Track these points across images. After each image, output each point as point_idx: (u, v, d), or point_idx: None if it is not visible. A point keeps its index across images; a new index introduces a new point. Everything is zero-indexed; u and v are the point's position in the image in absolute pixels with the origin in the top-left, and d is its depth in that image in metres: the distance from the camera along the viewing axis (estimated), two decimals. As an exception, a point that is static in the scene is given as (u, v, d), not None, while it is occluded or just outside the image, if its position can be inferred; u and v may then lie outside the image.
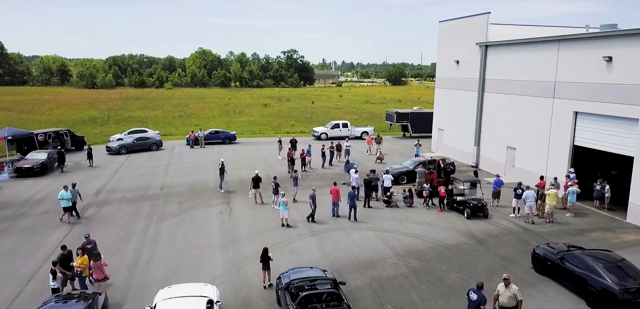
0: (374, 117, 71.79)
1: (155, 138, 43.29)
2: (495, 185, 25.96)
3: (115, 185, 30.33)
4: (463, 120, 37.37)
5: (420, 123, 50.79)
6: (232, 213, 24.68)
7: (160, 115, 72.15)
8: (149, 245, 20.41)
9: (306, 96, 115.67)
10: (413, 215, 24.68)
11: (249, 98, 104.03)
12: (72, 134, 41.91)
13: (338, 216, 23.94)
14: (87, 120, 64.57)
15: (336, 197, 23.74)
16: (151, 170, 34.61)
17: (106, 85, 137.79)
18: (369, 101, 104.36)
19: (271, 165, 36.48)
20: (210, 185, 30.33)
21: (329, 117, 71.06)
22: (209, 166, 35.74)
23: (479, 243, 20.84)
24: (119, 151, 40.33)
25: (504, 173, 32.45)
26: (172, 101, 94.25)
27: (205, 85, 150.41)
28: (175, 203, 26.52)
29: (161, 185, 30.47)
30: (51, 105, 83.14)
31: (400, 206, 26.00)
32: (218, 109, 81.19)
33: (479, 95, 34.86)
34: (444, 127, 40.75)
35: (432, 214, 24.77)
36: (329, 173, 33.88)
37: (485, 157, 34.70)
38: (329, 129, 49.39)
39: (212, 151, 42.58)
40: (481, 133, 35.10)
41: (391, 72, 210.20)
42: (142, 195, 27.98)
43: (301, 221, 23.46)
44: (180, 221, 23.41)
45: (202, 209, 25.43)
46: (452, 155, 38.90)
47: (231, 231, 22.06)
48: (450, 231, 22.32)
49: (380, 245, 20.57)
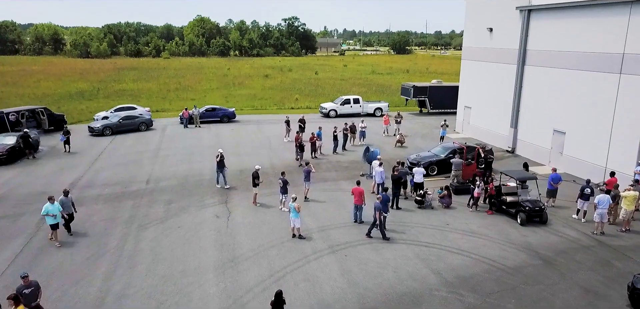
0: (384, 90, 66.72)
1: (145, 117, 38.44)
2: (551, 181, 21.24)
3: (92, 177, 25.65)
4: (496, 98, 32.45)
5: (439, 99, 45.87)
6: (231, 218, 20.06)
7: (155, 88, 67.12)
8: (124, 269, 15.83)
9: (309, 66, 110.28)
10: (453, 219, 20.04)
11: (249, 69, 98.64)
12: (50, 112, 37.00)
13: (361, 222, 19.32)
14: (75, 94, 59.61)
15: (360, 199, 19.06)
16: (137, 157, 29.89)
17: (101, 54, 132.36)
18: (375, 71, 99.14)
19: (276, 150, 31.73)
20: (205, 177, 25.66)
21: (335, 90, 66.11)
22: (204, 152, 31.02)
23: (547, 264, 16.25)
24: (103, 132, 35.54)
25: (549, 161, 27.73)
26: (168, 72, 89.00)
27: (204, 54, 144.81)
28: (162, 202, 21.89)
29: (147, 177, 25.79)
30: (39, 77, 78.08)
31: (435, 207, 21.36)
32: (216, 81, 76.05)
33: (518, 68, 29.86)
34: (471, 104, 35.82)
35: (477, 219, 20.13)
36: (343, 161, 29.16)
37: (524, 141, 29.90)
38: (339, 105, 44.45)
39: (209, 131, 37.79)
40: (519, 114, 30.22)
41: (395, 40, 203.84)
42: (123, 192, 23.32)
43: (316, 229, 18.85)
44: (166, 230, 18.80)
45: (194, 211, 20.80)
46: (481, 137, 34.14)
47: (229, 245, 17.48)
48: (506, 245, 17.71)
49: (421, 267, 15.99)
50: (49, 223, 17.16)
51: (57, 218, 17.08)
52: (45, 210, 16.95)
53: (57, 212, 17.10)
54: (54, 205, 17.10)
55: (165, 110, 48.73)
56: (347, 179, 25.41)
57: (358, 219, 19.38)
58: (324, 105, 45.30)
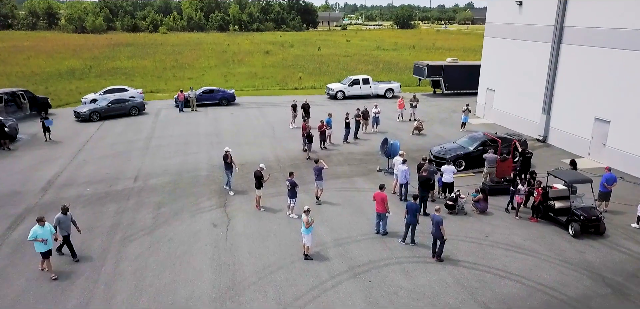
0: (392, 67, 63.23)
1: (137, 100, 35.20)
2: (605, 183, 18.12)
3: (73, 173, 22.60)
4: (525, 80, 29.18)
5: (455, 79, 42.51)
6: (231, 227, 17.06)
7: (150, 65, 63.64)
8: (100, 301, 12.88)
9: (311, 41, 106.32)
10: (492, 229, 17.03)
11: (249, 45, 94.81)
12: (32, 95, 33.75)
13: (385, 234, 16.32)
14: (65, 72, 56.17)
15: (382, 207, 16.01)
16: (126, 147, 26.79)
17: (96, 29, 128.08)
18: (380, 47, 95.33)
19: (281, 139, 28.58)
20: (200, 173, 22.61)
21: (339, 68, 62.69)
22: (201, 141, 27.90)
23: (618, 295, 13.28)
24: (90, 117, 32.34)
25: (588, 153, 24.63)
26: (165, 48, 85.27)
27: (202, 29, 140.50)
28: (150, 206, 18.86)
29: (136, 172, 22.73)
30: (30, 54, 74.48)
31: (468, 212, 18.34)
32: (215, 58, 72.45)
33: (553, 47, 26.52)
34: (495, 87, 32.53)
35: (520, 228, 17.10)
36: (356, 152, 26.05)
37: (558, 130, 26.74)
38: (347, 86, 41.11)
39: (206, 116, 34.60)
40: (553, 98, 26.98)
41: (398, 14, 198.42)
42: (107, 192, 20.28)
43: (332, 243, 15.87)
44: (154, 244, 15.81)
45: (187, 218, 17.79)
46: (506, 124, 30.97)
47: (229, 266, 14.51)
48: (561, 265, 14.73)
49: (465, 297, 13.03)
50: (38, 251, 13.61)
51: (49, 243, 13.54)
52: (33, 234, 13.26)
53: (50, 236, 13.55)
54: (45, 227, 13.47)
55: (160, 91, 45.42)
56: (363, 175, 22.36)
57: (381, 229, 16.38)
58: (331, 86, 41.98)
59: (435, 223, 14.35)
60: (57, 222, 14.29)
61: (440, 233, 14.33)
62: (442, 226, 14.26)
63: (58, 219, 14.35)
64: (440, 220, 14.30)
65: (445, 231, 14.43)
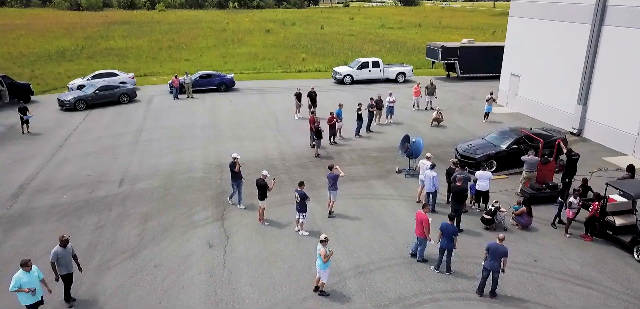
0: (399, 47, 60.04)
1: (127, 86, 32.27)
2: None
3: (51, 175, 19.84)
4: (557, 66, 26.23)
5: (472, 62, 39.41)
6: (229, 248, 14.36)
7: (146, 45, 60.47)
8: (64, 358, 10.20)
9: (313, 19, 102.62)
10: (540, 251, 14.30)
11: (249, 23, 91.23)
12: (12, 82, 30.77)
13: (423, 261, 13.58)
14: (55, 53, 53.07)
15: (421, 231, 13.18)
16: (113, 142, 23.99)
17: (92, 6, 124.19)
18: (384, 25, 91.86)
19: (285, 131, 25.75)
20: (195, 174, 19.85)
21: (344, 47, 59.56)
22: (196, 134, 25.10)
23: None
24: (76, 106, 29.46)
25: (634, 151, 21.83)
26: (161, 27, 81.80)
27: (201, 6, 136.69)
28: (136, 219, 16.13)
29: (122, 174, 19.96)
30: (21, 32, 71.28)
31: (508, 228, 15.59)
32: (214, 37, 69.14)
33: (592, 29, 23.52)
34: (521, 72, 29.53)
35: (574, 250, 14.38)
36: (370, 148, 23.25)
37: (597, 123, 23.89)
38: (355, 70, 38.09)
39: (203, 103, 31.71)
40: (591, 87, 24.06)
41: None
42: (87, 200, 17.53)
43: (351, 271, 13.19)
44: (137, 273, 13.12)
45: (179, 235, 15.07)
46: (534, 114, 28.13)
47: (227, 303, 11.90)
48: (633, 303, 12.02)
49: (523, 354, 10.34)
50: (25, 304, 10.60)
51: (37, 294, 10.54)
52: (17, 282, 10.21)
53: (38, 284, 10.54)
54: (31, 272, 10.40)
55: (154, 74, 42.41)
56: (380, 177, 19.60)
57: (418, 255, 13.62)
58: (338, 69, 38.96)
59: (448, 234, 12.59)
60: (55, 258, 11.18)
61: (452, 245, 12.63)
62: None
63: (56, 253, 11.17)
64: (505, 252, 11.62)
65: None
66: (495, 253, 11.69)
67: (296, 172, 20.01)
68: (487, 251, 11.82)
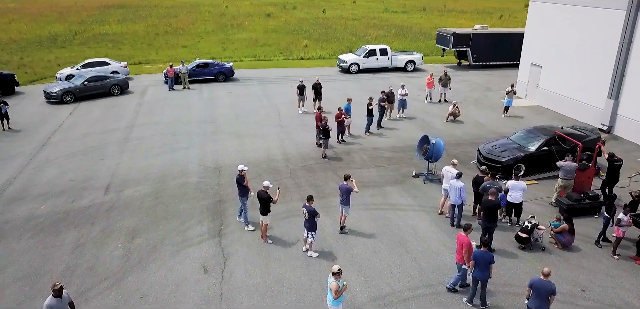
0: (405, 33, 57.68)
1: (119, 77, 30.17)
2: None
3: (30, 180, 17.87)
4: (585, 55, 24.10)
5: (485, 50, 37.21)
6: (227, 273, 12.43)
7: (142, 30, 58.15)
8: None
9: (314, 3, 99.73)
10: (588, 277, 12.35)
11: (249, 7, 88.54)
12: (-5, 72, 28.72)
13: (452, 291, 11.65)
14: (46, 39, 50.85)
15: (461, 257, 11.21)
16: (101, 139, 21.99)
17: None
18: (388, 9, 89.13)
19: (288, 127, 23.72)
20: (190, 178, 17.87)
21: (348, 33, 57.23)
22: (192, 131, 23.08)
23: None
24: (63, 98, 27.39)
25: (673, 150, 19.79)
26: (158, 11, 79.23)
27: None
28: (121, 235, 14.18)
29: (108, 178, 17.98)
30: (12, 17, 69.01)
31: (546, 247, 13.63)
32: (212, 22, 66.70)
33: (628, 15, 21.36)
34: (542, 62, 27.39)
35: (626, 276, 12.44)
36: (382, 148, 21.22)
37: (630, 119, 21.84)
38: (362, 58, 35.91)
39: (200, 95, 29.62)
40: (624, 80, 21.97)
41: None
42: (67, 211, 15.57)
43: (369, 303, 11.24)
44: (119, 306, 11.18)
45: (169, 256, 13.13)
46: (557, 108, 26.06)
47: (224, 352, 9.93)
48: None
49: None
50: None
51: None
52: None
53: None
54: None
55: (149, 62, 40.25)
56: (396, 183, 17.60)
57: (449, 283, 11.68)
58: (343, 57, 36.76)
59: (484, 263, 10.56)
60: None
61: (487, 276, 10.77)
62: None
63: (48, 306, 9.05)
64: (553, 290, 9.80)
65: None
66: (541, 291, 9.74)
67: (302, 176, 18.03)
68: (531, 288, 9.87)
